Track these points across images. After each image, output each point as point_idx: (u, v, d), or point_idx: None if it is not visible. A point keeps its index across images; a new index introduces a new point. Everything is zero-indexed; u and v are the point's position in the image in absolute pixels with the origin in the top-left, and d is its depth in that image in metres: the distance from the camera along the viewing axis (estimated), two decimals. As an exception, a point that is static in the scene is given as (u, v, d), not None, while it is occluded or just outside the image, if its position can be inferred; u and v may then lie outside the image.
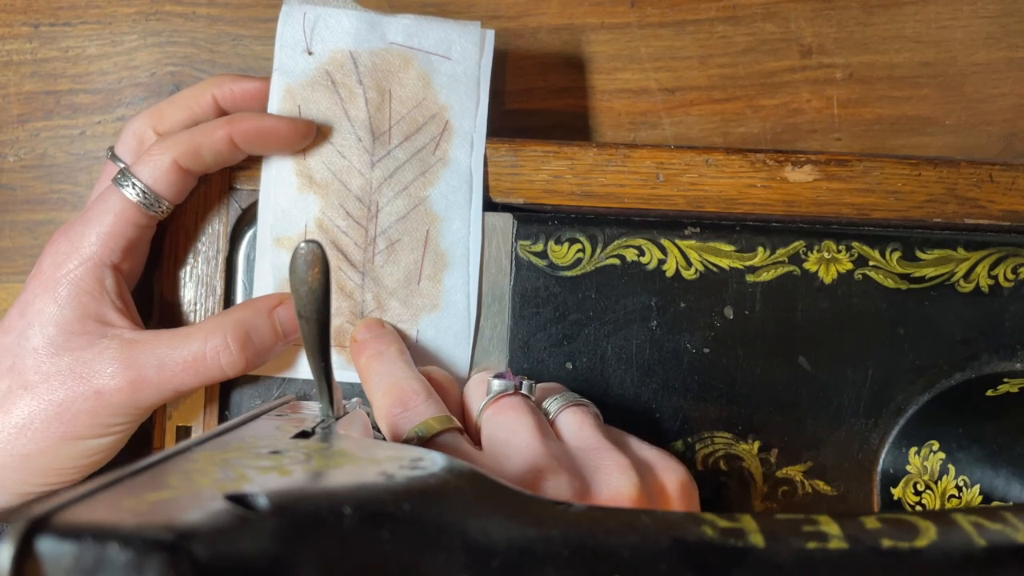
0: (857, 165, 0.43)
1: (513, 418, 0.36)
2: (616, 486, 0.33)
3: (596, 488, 0.33)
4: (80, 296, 0.38)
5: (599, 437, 0.36)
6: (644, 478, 0.34)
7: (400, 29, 0.43)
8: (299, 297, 0.28)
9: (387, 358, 0.40)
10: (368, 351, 0.40)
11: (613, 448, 0.35)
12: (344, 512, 0.20)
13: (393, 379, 0.38)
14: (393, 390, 0.37)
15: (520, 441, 0.34)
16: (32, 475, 0.38)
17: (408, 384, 0.38)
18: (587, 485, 0.33)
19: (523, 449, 0.34)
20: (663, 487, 0.35)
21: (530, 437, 0.34)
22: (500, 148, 0.43)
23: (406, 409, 0.36)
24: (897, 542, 0.23)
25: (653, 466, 0.36)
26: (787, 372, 0.44)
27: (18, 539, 0.17)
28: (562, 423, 0.37)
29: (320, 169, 0.42)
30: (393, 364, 0.39)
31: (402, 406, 0.37)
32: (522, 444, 0.34)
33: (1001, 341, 0.44)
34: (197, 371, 0.38)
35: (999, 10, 0.51)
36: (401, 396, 0.37)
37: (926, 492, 0.42)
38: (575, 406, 0.38)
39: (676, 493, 0.35)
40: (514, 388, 0.37)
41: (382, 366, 0.39)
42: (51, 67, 0.48)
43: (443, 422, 0.35)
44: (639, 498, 0.33)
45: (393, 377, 0.38)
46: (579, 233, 0.43)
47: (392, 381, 0.38)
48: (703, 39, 0.50)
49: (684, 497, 0.36)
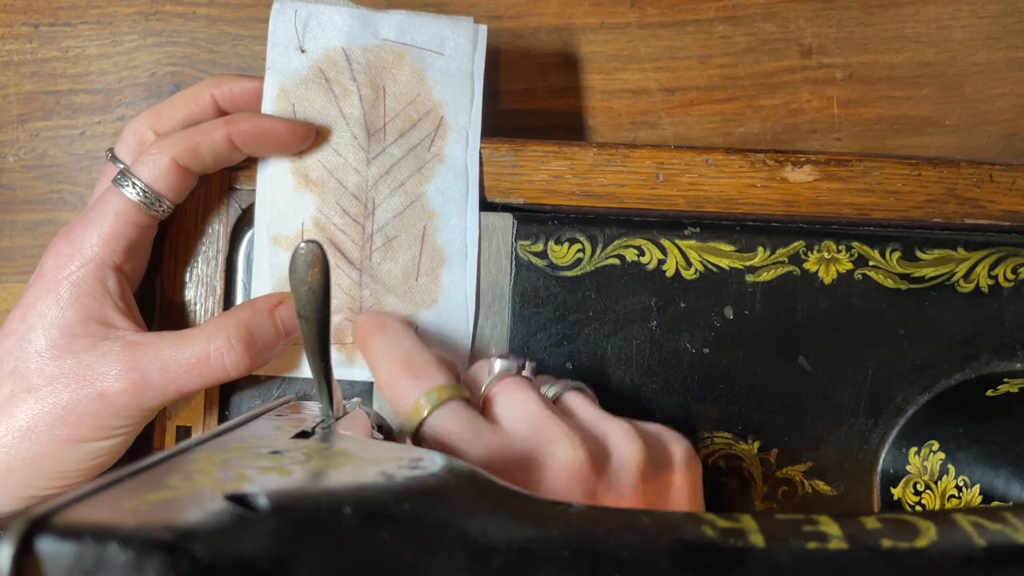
0: (857, 165, 0.43)
1: (520, 393, 0.36)
2: (626, 450, 0.34)
3: (608, 452, 0.34)
4: (82, 298, 0.38)
5: (602, 412, 0.37)
6: (651, 445, 0.35)
7: (393, 25, 0.43)
8: (299, 297, 0.28)
9: (393, 332, 0.39)
10: (373, 327, 0.40)
11: (618, 419, 0.36)
12: (344, 512, 0.20)
13: (402, 351, 0.38)
14: (402, 361, 0.37)
15: (530, 412, 0.35)
16: (36, 478, 0.38)
17: (417, 355, 0.37)
18: (601, 448, 0.34)
19: (534, 417, 0.35)
20: (669, 455, 0.36)
21: (539, 408, 0.35)
22: (500, 148, 0.43)
23: (416, 377, 0.36)
24: (897, 542, 0.23)
25: (658, 436, 0.37)
26: (787, 372, 0.44)
27: (18, 539, 0.17)
28: (565, 402, 0.38)
29: (316, 167, 0.42)
30: (400, 337, 0.39)
31: (412, 375, 0.36)
32: (532, 413, 0.35)
33: (1001, 341, 0.44)
34: (201, 372, 0.38)
35: (999, 10, 0.51)
36: (411, 366, 0.37)
37: (926, 492, 0.42)
38: (575, 389, 0.39)
39: (682, 461, 0.36)
40: (518, 368, 0.38)
41: (388, 339, 0.39)
42: (51, 67, 0.48)
43: (452, 390, 0.35)
44: (646, 463, 0.34)
45: (402, 349, 0.38)
46: (579, 233, 0.43)
47: (400, 352, 0.38)
48: (703, 39, 0.50)
49: (689, 465, 0.37)
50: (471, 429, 0.34)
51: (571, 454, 0.33)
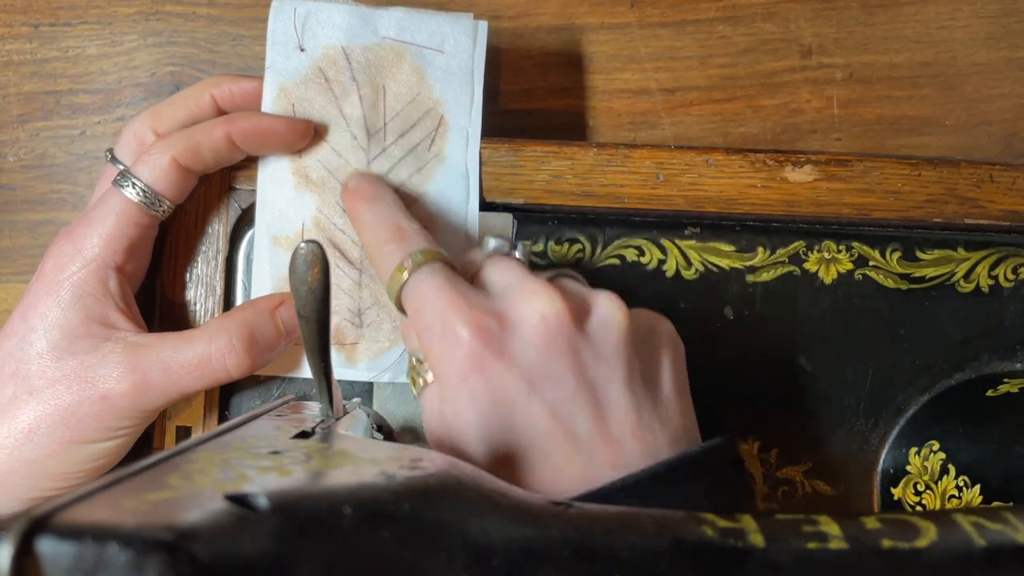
0: (857, 165, 0.43)
1: (506, 263, 0.36)
2: (609, 310, 0.34)
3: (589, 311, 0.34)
4: (83, 299, 0.38)
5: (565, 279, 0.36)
6: (636, 315, 0.34)
7: (392, 23, 0.43)
8: (299, 297, 0.28)
9: (384, 203, 0.39)
10: (364, 195, 0.40)
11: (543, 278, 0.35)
12: (344, 512, 0.20)
13: (391, 219, 0.38)
14: (389, 227, 0.37)
15: (516, 276, 0.35)
16: (39, 480, 0.38)
17: (406, 223, 0.37)
18: (582, 307, 0.34)
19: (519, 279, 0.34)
20: (655, 328, 0.36)
21: (525, 274, 0.35)
22: (500, 148, 0.43)
23: (402, 241, 0.36)
24: (897, 542, 0.23)
25: (643, 312, 0.36)
26: (787, 372, 0.44)
27: (18, 539, 0.17)
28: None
29: (316, 167, 0.42)
30: (390, 207, 0.39)
31: (398, 240, 0.36)
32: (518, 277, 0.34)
33: (1001, 341, 0.44)
34: (203, 373, 0.38)
35: (999, 10, 0.51)
36: (398, 232, 0.37)
37: (926, 492, 0.42)
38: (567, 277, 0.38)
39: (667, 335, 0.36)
40: (509, 247, 0.37)
41: (378, 208, 0.39)
42: (51, 67, 0.48)
43: (436, 253, 0.35)
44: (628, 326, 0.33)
45: (391, 218, 0.38)
46: (579, 233, 0.43)
47: (389, 221, 0.38)
48: (703, 39, 0.50)
49: (673, 341, 0.36)
50: (452, 286, 0.34)
51: (549, 304, 0.32)
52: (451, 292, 0.33)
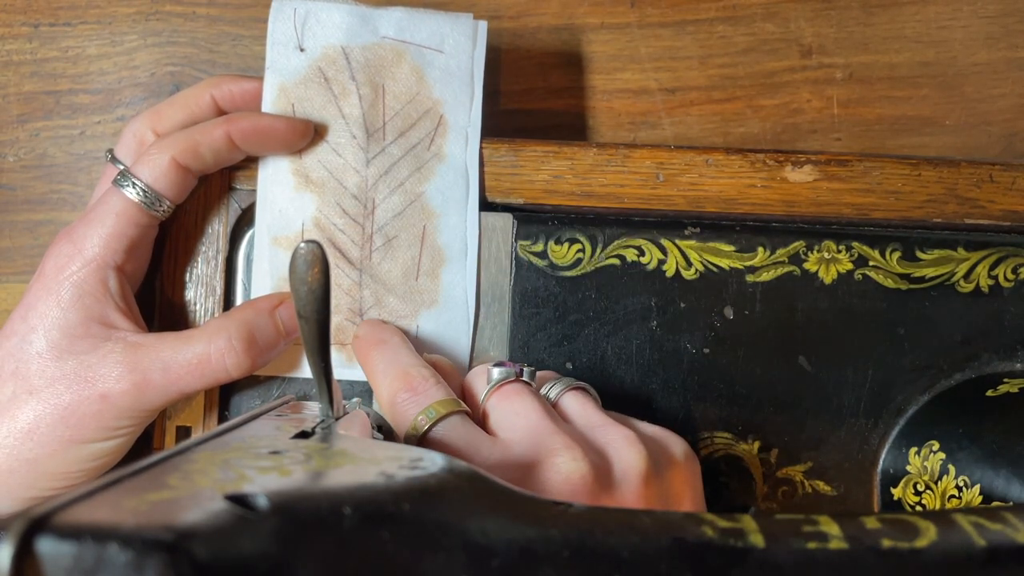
0: (857, 165, 0.43)
1: (519, 402, 0.36)
2: (629, 459, 0.34)
3: (610, 462, 0.34)
4: (83, 298, 0.38)
5: (603, 415, 0.37)
6: (651, 449, 0.35)
7: (392, 22, 0.43)
8: (299, 297, 0.28)
9: (392, 347, 0.39)
10: (372, 341, 0.40)
11: (619, 424, 0.36)
12: (344, 512, 0.20)
13: (400, 366, 0.38)
14: (400, 376, 0.37)
15: (530, 422, 0.35)
16: (39, 479, 0.38)
17: (415, 370, 0.37)
18: (602, 458, 0.34)
19: (534, 428, 0.34)
20: (670, 456, 0.36)
21: (539, 417, 0.35)
22: (500, 148, 0.43)
23: (415, 394, 0.36)
24: (897, 542, 0.23)
25: (657, 438, 0.37)
26: (787, 372, 0.44)
27: (18, 539, 0.17)
28: (565, 405, 0.38)
29: (316, 167, 0.42)
30: (398, 352, 0.39)
31: (410, 391, 0.36)
32: (532, 424, 0.35)
33: (1001, 341, 0.44)
34: (202, 373, 0.38)
35: (999, 10, 0.51)
36: (408, 382, 0.37)
37: (926, 492, 0.42)
38: (576, 389, 0.39)
39: (682, 462, 0.36)
40: (515, 375, 0.38)
41: (387, 354, 0.39)
42: (51, 67, 0.48)
43: (451, 405, 0.35)
44: (648, 469, 0.34)
45: (399, 364, 0.38)
46: (579, 233, 0.43)
47: (399, 368, 0.38)
48: (703, 39, 0.50)
49: (689, 464, 0.37)
50: (470, 445, 0.34)
51: (573, 467, 0.33)
52: (471, 454, 0.33)
